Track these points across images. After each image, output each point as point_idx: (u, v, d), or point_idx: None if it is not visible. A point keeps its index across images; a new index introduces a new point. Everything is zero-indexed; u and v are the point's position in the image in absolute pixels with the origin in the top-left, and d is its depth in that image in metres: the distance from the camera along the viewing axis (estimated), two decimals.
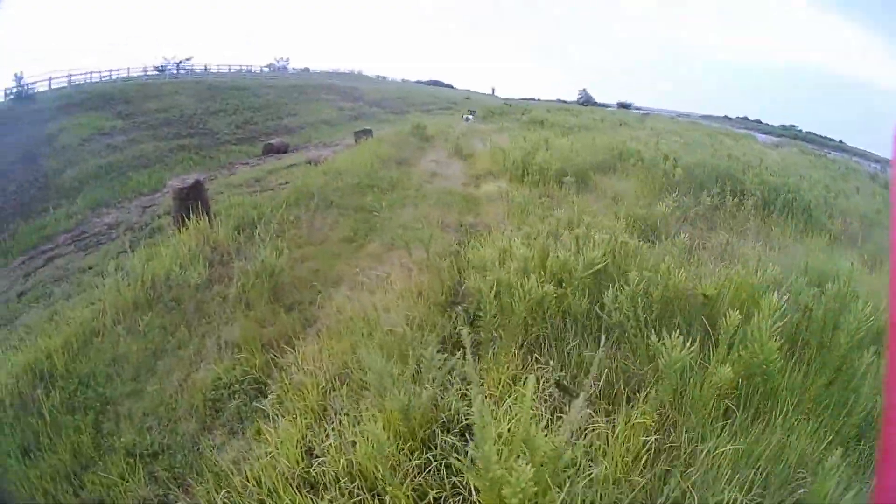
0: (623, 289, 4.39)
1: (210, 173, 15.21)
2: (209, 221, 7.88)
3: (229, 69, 23.41)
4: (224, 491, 3.36)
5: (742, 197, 10.15)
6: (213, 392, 4.56)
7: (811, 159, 19.96)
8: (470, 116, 23.67)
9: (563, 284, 4.75)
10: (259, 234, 7.03)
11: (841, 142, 22.63)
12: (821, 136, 23.30)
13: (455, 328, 4.81)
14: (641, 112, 26.33)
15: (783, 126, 24.53)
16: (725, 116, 25.78)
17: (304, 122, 20.65)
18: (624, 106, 26.75)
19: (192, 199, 8.27)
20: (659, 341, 3.67)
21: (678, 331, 3.68)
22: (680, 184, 10.75)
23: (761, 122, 25.13)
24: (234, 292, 5.86)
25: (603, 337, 3.83)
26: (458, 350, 4.16)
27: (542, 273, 4.86)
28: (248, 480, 3.39)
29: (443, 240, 7.08)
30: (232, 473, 3.50)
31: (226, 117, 19.49)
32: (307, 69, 25.44)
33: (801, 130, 24.06)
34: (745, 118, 25.41)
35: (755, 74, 23.95)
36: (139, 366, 5.07)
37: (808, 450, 3.40)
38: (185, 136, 17.74)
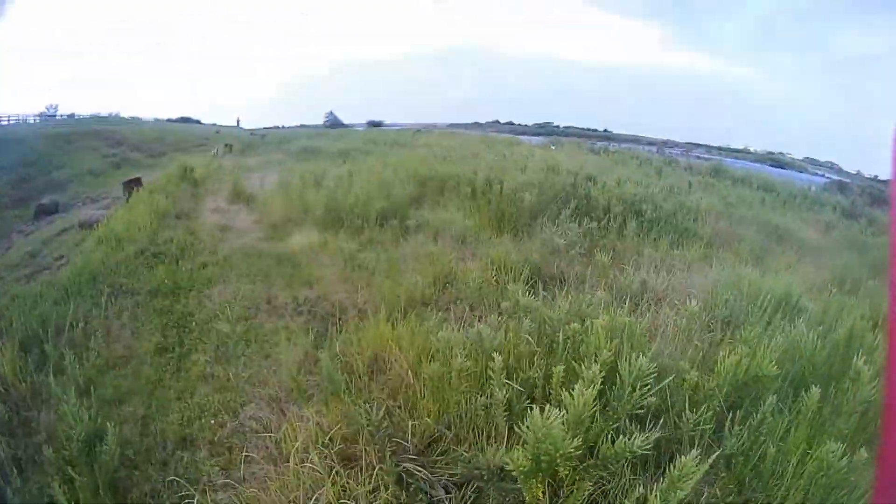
0: None
1: None
2: None
3: (9, 120, 20.43)
4: None
5: (604, 218, 9.58)
6: None
7: (605, 157, 19.63)
8: (225, 146, 21.96)
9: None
10: (50, 374, 5.17)
11: (606, 131, 22.36)
12: (582, 129, 22.84)
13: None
14: (408, 128, 25.05)
15: (538, 125, 23.67)
16: (475, 122, 24.39)
17: (71, 174, 18.12)
18: (375, 124, 25.26)
19: None
20: None
21: None
22: (526, 211, 9.88)
23: (514, 123, 24.06)
24: (53, 482, 3.86)
25: None
26: None
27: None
28: None
29: (298, 336, 5.59)
30: None
31: (2, 175, 16.81)
32: (73, 115, 22.78)
33: (557, 126, 23.33)
34: (497, 121, 24.25)
35: (489, 71, 23.60)
36: None
37: None
38: None
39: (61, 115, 22.86)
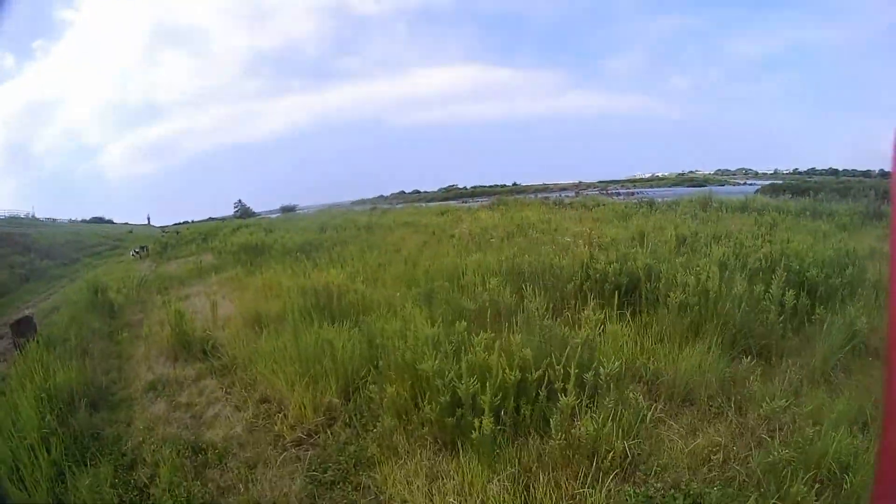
0: None
1: None
2: None
3: None
4: None
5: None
6: None
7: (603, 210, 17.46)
8: (137, 251, 20.08)
9: None
10: None
11: (515, 184, 21.98)
12: (489, 186, 22.10)
13: None
14: (324, 209, 22.20)
15: (443, 189, 22.84)
16: (380, 196, 23.04)
17: None
18: (289, 209, 23.07)
19: None
20: None
21: None
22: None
23: (420, 192, 23.05)
24: None
25: None
26: None
27: None
28: None
29: None
30: None
31: None
32: None
33: (465, 187, 22.75)
34: (402, 192, 23.29)
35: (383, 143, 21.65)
36: None
37: None
38: None
39: None
